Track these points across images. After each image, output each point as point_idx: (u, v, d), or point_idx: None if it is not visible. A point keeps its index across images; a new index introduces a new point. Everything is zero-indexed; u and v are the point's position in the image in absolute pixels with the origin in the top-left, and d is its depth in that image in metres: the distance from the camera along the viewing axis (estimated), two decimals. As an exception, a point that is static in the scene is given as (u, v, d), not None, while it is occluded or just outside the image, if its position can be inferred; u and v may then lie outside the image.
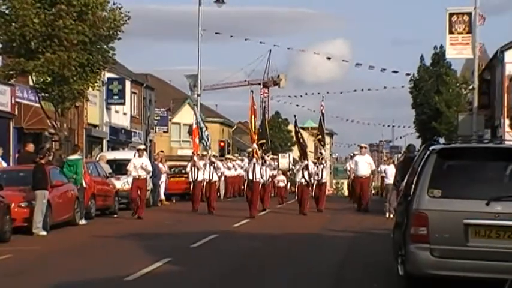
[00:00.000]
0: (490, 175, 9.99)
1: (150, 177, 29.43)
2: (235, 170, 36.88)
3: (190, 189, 27.29)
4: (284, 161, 34.64)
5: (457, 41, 32.44)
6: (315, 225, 21.65)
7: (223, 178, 34.33)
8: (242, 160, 32.64)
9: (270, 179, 28.36)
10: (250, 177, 23.87)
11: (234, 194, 36.98)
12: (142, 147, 25.81)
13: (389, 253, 12.07)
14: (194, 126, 36.06)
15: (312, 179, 25.69)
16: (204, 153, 30.95)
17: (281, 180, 34.06)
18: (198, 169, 26.47)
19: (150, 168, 24.36)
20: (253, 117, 27.29)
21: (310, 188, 25.78)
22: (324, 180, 26.99)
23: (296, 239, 18.22)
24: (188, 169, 27.19)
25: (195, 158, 27.09)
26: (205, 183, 26.31)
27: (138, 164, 23.76)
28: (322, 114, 29.68)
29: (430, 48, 57.94)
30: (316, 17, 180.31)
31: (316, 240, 18.09)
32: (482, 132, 35.28)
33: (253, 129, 26.71)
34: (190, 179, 26.81)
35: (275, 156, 34.65)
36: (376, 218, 24.06)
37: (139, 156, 24.21)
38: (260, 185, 24.56)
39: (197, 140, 32.10)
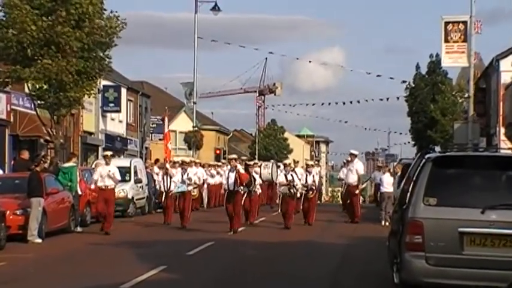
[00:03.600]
0: (485, 183, 10.00)
1: (146, 185, 29.45)
2: (221, 176, 32.25)
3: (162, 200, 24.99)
4: (266, 171, 30.93)
5: (452, 50, 32.51)
6: (310, 233, 21.65)
7: (205, 186, 32.41)
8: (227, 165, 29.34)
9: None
10: (231, 187, 21.19)
11: (220, 203, 32.39)
12: (109, 153, 23.24)
13: (384, 261, 12.08)
14: (166, 130, 35.36)
15: (295, 190, 23.14)
16: (187, 159, 29.89)
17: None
18: (170, 178, 24.02)
19: (118, 176, 21.74)
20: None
21: (295, 200, 23.43)
22: (313, 190, 24.55)
23: (292, 247, 18.22)
24: (160, 178, 24.87)
25: (167, 165, 24.97)
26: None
27: (105, 173, 21.33)
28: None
29: (425, 57, 58.12)
30: (311, 25, 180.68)
31: (312, 247, 18.10)
32: (478, 141, 35.33)
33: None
34: (162, 189, 24.51)
35: (251, 163, 31.69)
36: (371, 225, 24.08)
37: (106, 163, 21.80)
38: (243, 196, 22.08)
39: (169, 146, 31.25)
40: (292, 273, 13.58)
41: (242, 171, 21.70)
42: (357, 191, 25.99)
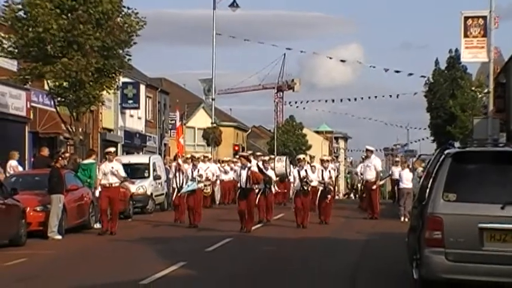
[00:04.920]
0: (505, 179, 9.92)
1: (165, 181, 29.50)
2: (234, 172, 28.88)
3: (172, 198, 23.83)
4: (279, 165, 29.90)
5: (472, 45, 32.28)
6: (328, 229, 21.63)
7: (218, 182, 31.50)
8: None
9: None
10: (243, 185, 20.37)
11: (231, 200, 31.46)
12: (112, 149, 22.08)
13: (403, 257, 12.06)
14: (178, 124, 34.86)
15: (308, 185, 22.18)
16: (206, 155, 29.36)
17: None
18: (183, 173, 22.62)
19: (122, 173, 20.56)
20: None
21: (309, 196, 22.40)
22: (330, 186, 23.59)
23: (310, 243, 18.22)
24: (171, 175, 23.75)
25: (180, 160, 23.48)
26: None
27: (108, 170, 20.24)
28: None
29: (442, 53, 57.94)
30: (329, 21, 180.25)
31: (331, 243, 18.09)
32: (498, 136, 35.09)
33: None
34: (175, 185, 23.13)
35: (266, 158, 29.90)
36: (390, 221, 24.02)
37: (109, 160, 20.63)
38: (258, 193, 21.47)
39: (181, 140, 31.08)
40: (312, 269, 13.59)
41: (255, 169, 21.21)
42: (375, 187, 25.86)
